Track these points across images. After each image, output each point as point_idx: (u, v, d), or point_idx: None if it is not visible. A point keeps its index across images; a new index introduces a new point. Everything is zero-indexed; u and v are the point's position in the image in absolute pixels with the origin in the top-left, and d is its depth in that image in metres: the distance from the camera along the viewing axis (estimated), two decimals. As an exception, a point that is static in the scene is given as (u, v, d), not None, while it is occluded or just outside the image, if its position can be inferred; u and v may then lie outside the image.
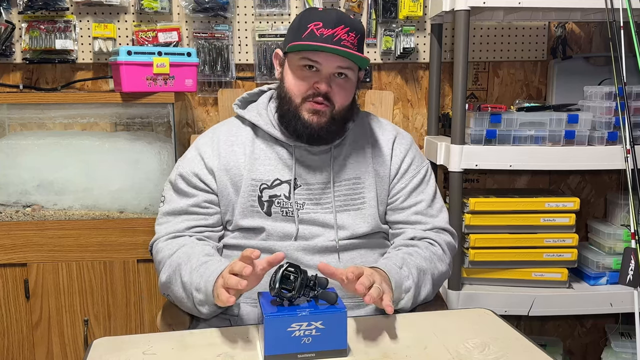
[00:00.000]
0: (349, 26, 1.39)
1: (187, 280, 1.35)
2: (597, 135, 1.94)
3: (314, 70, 1.42)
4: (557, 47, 2.41)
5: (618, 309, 2.04)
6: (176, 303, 1.44)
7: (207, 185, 1.51)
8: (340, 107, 1.45)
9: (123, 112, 2.14)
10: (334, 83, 1.42)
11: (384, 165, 1.55)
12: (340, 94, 1.44)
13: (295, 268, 1.17)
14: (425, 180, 1.57)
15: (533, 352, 1.19)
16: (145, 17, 2.25)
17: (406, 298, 1.37)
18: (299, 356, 1.13)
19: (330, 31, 1.37)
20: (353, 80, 1.46)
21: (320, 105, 1.42)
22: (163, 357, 1.16)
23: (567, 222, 1.99)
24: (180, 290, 1.38)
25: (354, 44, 1.40)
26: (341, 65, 1.41)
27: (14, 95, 2.06)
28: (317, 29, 1.38)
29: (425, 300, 1.46)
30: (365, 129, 1.58)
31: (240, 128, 1.56)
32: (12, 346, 2.04)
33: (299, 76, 1.43)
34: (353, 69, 1.44)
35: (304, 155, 1.50)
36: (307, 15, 1.43)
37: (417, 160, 1.58)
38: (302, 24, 1.41)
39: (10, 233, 1.98)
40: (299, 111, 1.44)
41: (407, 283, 1.37)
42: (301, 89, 1.43)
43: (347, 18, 1.42)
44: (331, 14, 1.42)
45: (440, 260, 1.49)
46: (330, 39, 1.37)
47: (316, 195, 1.49)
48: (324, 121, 1.43)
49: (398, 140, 1.58)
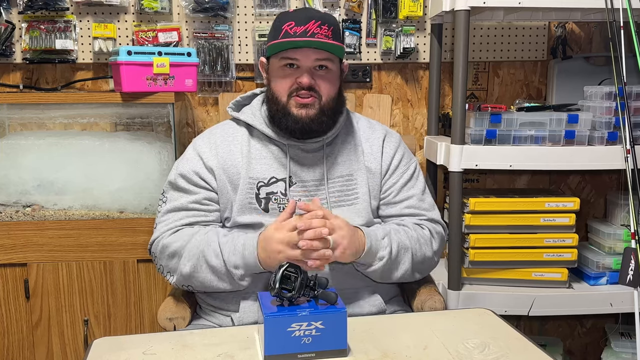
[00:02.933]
0: (320, 20, 1.45)
1: (216, 264, 1.42)
2: (597, 135, 1.94)
3: (295, 68, 1.48)
4: (557, 47, 2.41)
5: (618, 309, 2.04)
6: (199, 289, 1.50)
7: (208, 183, 1.54)
8: (328, 97, 1.50)
9: (123, 112, 2.14)
10: (316, 76, 1.48)
11: (375, 161, 1.60)
12: (325, 85, 1.49)
13: (295, 268, 1.17)
14: (414, 176, 1.64)
15: (533, 352, 1.19)
16: (145, 17, 2.25)
17: (377, 266, 1.44)
18: (299, 356, 1.13)
19: (303, 27, 1.44)
20: (335, 71, 1.52)
21: (306, 99, 1.48)
22: (163, 357, 1.16)
23: (567, 222, 1.99)
24: (209, 275, 1.43)
25: (328, 35, 1.46)
26: (319, 57, 1.47)
27: (14, 95, 2.06)
28: (291, 28, 1.45)
29: (402, 280, 1.52)
30: (355, 129, 1.63)
31: (236, 129, 1.61)
32: (12, 346, 2.04)
33: (282, 75, 1.50)
34: (332, 59, 1.49)
35: (298, 154, 1.55)
36: (280, 18, 1.51)
37: (407, 157, 1.65)
38: (276, 28, 1.49)
39: (10, 233, 1.98)
40: (287, 108, 1.49)
41: (382, 253, 1.44)
42: (285, 87, 1.49)
43: (318, 13, 1.50)
44: (302, 12, 1.50)
45: (427, 244, 1.55)
46: (305, 35, 1.44)
47: (311, 192, 1.54)
48: (313, 113, 1.49)
49: (387, 138, 1.65)
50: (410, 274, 1.51)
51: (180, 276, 1.47)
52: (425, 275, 1.61)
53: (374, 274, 1.47)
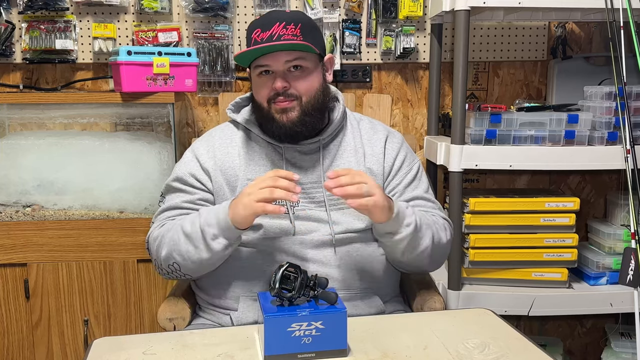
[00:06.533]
0: (284, 20, 1.44)
1: (190, 230, 1.41)
2: (597, 135, 1.94)
3: (269, 74, 1.47)
4: (557, 47, 2.41)
5: (618, 309, 2.04)
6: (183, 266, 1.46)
7: (203, 185, 1.55)
8: (308, 96, 1.48)
9: (123, 112, 2.14)
10: (291, 77, 1.47)
11: (377, 163, 1.58)
12: (301, 84, 1.47)
13: (295, 268, 1.18)
14: (417, 176, 1.62)
15: (533, 352, 1.19)
16: (145, 17, 2.25)
17: (404, 233, 1.41)
18: (299, 356, 1.13)
19: (268, 33, 1.44)
20: (312, 68, 1.49)
21: (284, 103, 1.47)
22: (163, 357, 1.17)
23: (567, 222, 1.99)
24: (185, 244, 1.42)
25: (295, 34, 1.44)
26: (288, 59, 1.45)
27: (14, 95, 2.07)
28: (258, 35, 1.45)
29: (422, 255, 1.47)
30: (356, 130, 1.62)
31: (234, 131, 1.61)
32: (12, 346, 2.04)
33: (259, 83, 1.50)
34: (305, 57, 1.47)
35: (295, 157, 1.55)
36: (250, 28, 1.50)
37: (409, 158, 1.63)
38: (247, 38, 1.49)
39: (10, 233, 1.98)
40: (270, 114, 1.49)
41: (409, 220, 1.41)
42: (264, 95, 1.49)
43: (283, 14, 1.50)
44: (267, 16, 1.49)
45: (442, 229, 1.53)
46: (270, 39, 1.43)
47: (309, 194, 1.53)
48: (295, 116, 1.47)
49: (390, 138, 1.63)
50: (429, 253, 1.47)
51: (163, 257, 1.46)
52: (437, 264, 1.57)
53: (400, 242, 1.42)
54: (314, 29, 1.51)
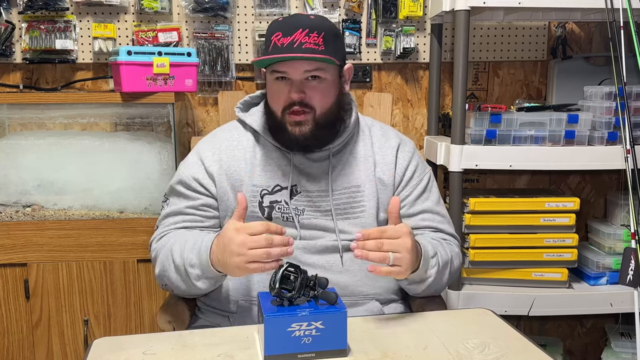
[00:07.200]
0: (307, 27, 1.38)
1: (178, 262, 1.38)
2: (597, 135, 1.94)
3: (287, 80, 1.42)
4: (557, 47, 2.41)
5: (618, 309, 2.04)
6: (175, 289, 1.45)
7: (207, 190, 1.51)
8: (322, 109, 1.43)
9: (123, 112, 2.14)
10: (308, 87, 1.41)
11: (388, 173, 1.54)
12: (317, 96, 1.42)
13: (295, 268, 1.17)
14: (428, 187, 1.58)
15: (533, 352, 1.19)
16: (145, 17, 2.25)
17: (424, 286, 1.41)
18: (299, 356, 1.13)
19: (289, 38, 1.37)
20: (329, 79, 1.44)
21: (299, 116, 1.42)
22: (163, 357, 1.16)
23: (567, 222, 1.99)
24: (174, 273, 1.40)
25: (318, 43, 1.38)
26: (308, 69, 1.40)
27: (14, 95, 2.07)
28: (278, 39, 1.39)
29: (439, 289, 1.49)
30: (367, 137, 1.57)
31: (242, 133, 1.56)
32: (12, 346, 2.04)
33: (275, 89, 1.45)
34: (325, 68, 1.42)
35: (303, 163, 1.51)
36: (270, 29, 1.44)
37: (420, 168, 1.59)
38: (267, 39, 1.43)
39: (10, 233, 1.98)
40: (283, 124, 1.45)
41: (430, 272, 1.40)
42: (279, 102, 1.44)
43: (306, 19, 1.41)
44: (289, 20, 1.42)
45: (458, 258, 1.54)
46: (291, 46, 1.37)
47: (316, 203, 1.50)
48: (307, 130, 1.43)
49: (402, 147, 1.58)
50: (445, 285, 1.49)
51: (156, 275, 1.47)
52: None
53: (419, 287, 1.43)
54: (336, 38, 1.45)
